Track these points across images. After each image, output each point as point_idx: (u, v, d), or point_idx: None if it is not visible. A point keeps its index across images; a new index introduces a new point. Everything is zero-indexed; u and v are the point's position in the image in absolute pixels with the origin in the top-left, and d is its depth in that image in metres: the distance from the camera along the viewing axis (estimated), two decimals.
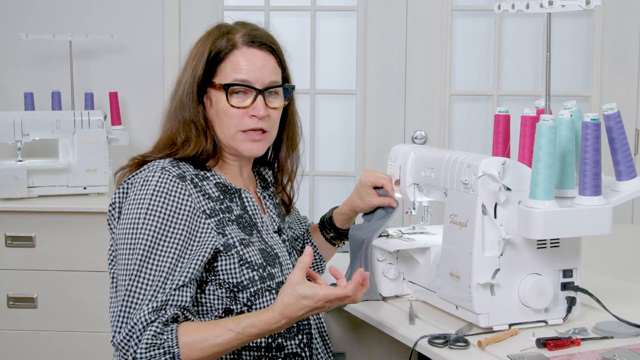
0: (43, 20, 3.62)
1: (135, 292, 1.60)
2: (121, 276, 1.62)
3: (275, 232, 1.84)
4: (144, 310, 1.58)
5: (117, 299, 1.61)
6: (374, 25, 3.62)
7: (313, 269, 2.08)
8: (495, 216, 1.68)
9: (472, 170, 1.69)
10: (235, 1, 3.70)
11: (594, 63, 3.58)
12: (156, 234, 1.62)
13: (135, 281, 1.60)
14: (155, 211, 1.64)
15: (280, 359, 1.72)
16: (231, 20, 1.84)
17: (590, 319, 1.75)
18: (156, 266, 1.61)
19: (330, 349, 1.87)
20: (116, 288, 1.64)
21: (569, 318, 1.75)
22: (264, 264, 1.73)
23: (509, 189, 1.68)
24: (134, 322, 1.57)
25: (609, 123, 1.74)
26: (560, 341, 1.61)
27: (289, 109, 1.87)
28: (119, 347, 1.58)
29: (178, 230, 1.64)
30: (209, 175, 1.77)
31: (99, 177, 3.24)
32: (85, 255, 3.08)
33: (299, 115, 1.91)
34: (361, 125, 3.65)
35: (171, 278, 1.61)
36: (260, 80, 1.75)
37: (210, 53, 1.76)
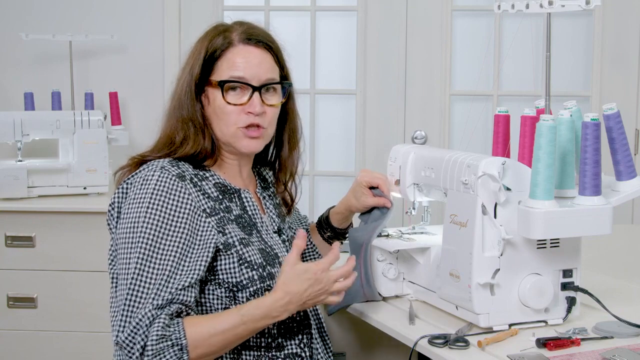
0: (43, 20, 3.62)
1: (138, 291, 1.60)
2: (122, 275, 1.62)
3: (275, 233, 1.84)
4: (148, 307, 1.58)
5: (119, 298, 1.61)
6: (374, 25, 3.62)
7: None
8: (495, 216, 1.68)
9: (472, 170, 1.69)
10: (235, 1, 3.70)
11: (594, 63, 3.58)
12: (157, 233, 1.62)
13: (138, 280, 1.60)
14: (155, 210, 1.64)
15: (280, 359, 1.72)
16: (230, 20, 1.84)
17: (590, 319, 1.75)
18: (158, 264, 1.61)
19: (330, 349, 1.87)
20: (117, 288, 1.64)
21: (569, 318, 1.75)
22: (264, 263, 1.73)
23: (508, 189, 1.68)
24: (139, 318, 1.57)
25: (609, 123, 1.74)
26: (560, 341, 1.61)
27: (289, 108, 1.87)
28: (123, 345, 1.57)
29: (179, 228, 1.64)
30: (208, 176, 1.77)
31: (99, 177, 3.24)
32: (85, 255, 3.08)
33: (299, 114, 1.91)
34: (361, 125, 3.65)
35: (174, 277, 1.61)
36: (256, 77, 1.76)
37: (207, 51, 1.76)
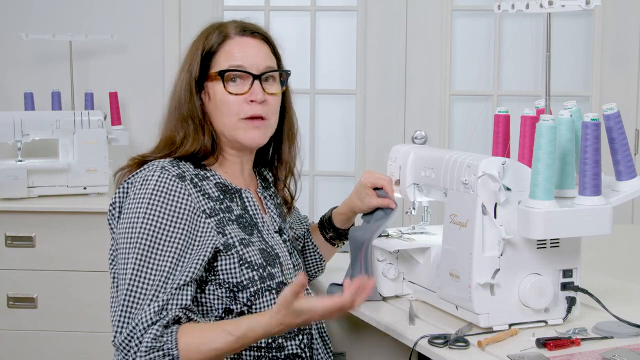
0: (43, 20, 3.62)
1: (136, 292, 1.60)
2: (121, 276, 1.62)
3: (276, 232, 1.84)
4: (146, 310, 1.58)
5: (118, 299, 1.61)
6: (374, 25, 3.62)
7: (313, 269, 2.08)
8: (495, 216, 1.68)
9: (472, 170, 1.69)
10: (235, 1, 3.70)
11: (594, 63, 3.58)
12: (156, 234, 1.62)
13: (136, 281, 1.60)
14: (154, 210, 1.64)
15: (281, 359, 1.72)
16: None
17: (590, 319, 1.75)
18: (157, 265, 1.61)
19: (330, 349, 1.87)
20: (117, 288, 1.64)
21: (569, 318, 1.75)
22: (264, 264, 1.73)
23: (508, 189, 1.68)
24: (135, 323, 1.57)
25: (608, 123, 1.74)
26: (560, 341, 1.61)
27: (286, 101, 1.87)
28: (119, 348, 1.58)
29: (178, 229, 1.64)
30: (209, 175, 1.77)
31: (99, 177, 3.24)
32: (85, 255, 3.08)
33: (295, 112, 1.91)
34: (361, 125, 3.65)
35: (172, 277, 1.61)
36: (255, 65, 1.76)
37: (204, 48, 1.77)
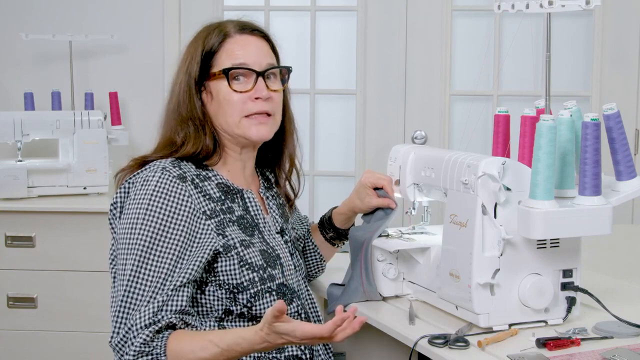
0: (43, 20, 3.62)
1: (134, 293, 1.60)
2: (120, 276, 1.62)
3: (277, 233, 1.84)
4: (142, 312, 1.57)
5: (116, 299, 1.61)
6: (374, 25, 3.62)
7: (313, 269, 2.08)
8: (495, 216, 1.68)
9: (472, 170, 1.69)
10: (235, 1, 3.69)
11: (594, 63, 3.58)
12: (155, 234, 1.62)
13: (134, 282, 1.60)
14: (154, 211, 1.63)
15: None
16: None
17: (590, 319, 1.75)
18: (155, 267, 1.61)
19: (330, 349, 1.87)
20: (116, 288, 1.64)
21: (569, 318, 1.75)
22: (265, 265, 1.73)
23: (508, 189, 1.68)
24: (130, 325, 1.57)
25: (608, 123, 1.74)
26: (560, 341, 1.61)
27: (285, 98, 1.88)
28: (115, 349, 1.58)
29: (177, 231, 1.64)
30: (210, 176, 1.77)
31: (99, 177, 3.24)
32: (85, 255, 3.08)
33: (291, 108, 1.92)
34: (361, 125, 3.65)
35: (170, 279, 1.61)
36: (257, 63, 1.77)
37: (204, 48, 1.77)
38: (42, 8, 3.63)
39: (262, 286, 1.70)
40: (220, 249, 1.68)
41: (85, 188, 3.24)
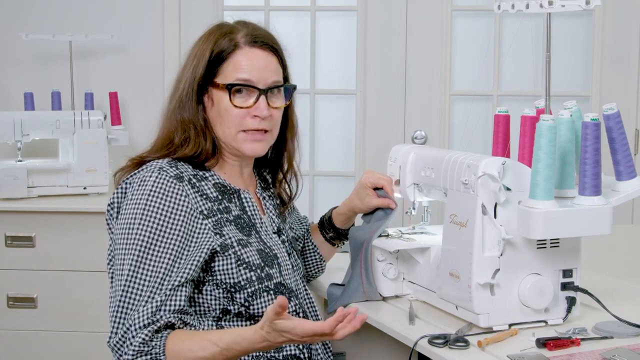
0: (43, 20, 3.62)
1: (132, 293, 1.60)
2: (118, 277, 1.62)
3: (274, 233, 1.84)
4: (140, 312, 1.57)
5: (114, 299, 1.61)
6: (374, 25, 3.62)
7: (313, 269, 2.08)
8: (495, 216, 1.68)
9: (472, 170, 1.69)
10: (235, 1, 3.69)
11: (594, 63, 3.58)
12: (152, 235, 1.62)
13: (132, 282, 1.60)
14: (151, 212, 1.63)
15: None
16: (231, 20, 1.84)
17: (590, 319, 1.75)
18: (152, 267, 1.61)
19: (330, 349, 1.87)
20: (114, 288, 1.64)
21: (569, 318, 1.75)
22: (262, 264, 1.72)
23: (508, 189, 1.68)
24: (128, 325, 1.57)
25: (608, 123, 1.74)
26: (560, 341, 1.61)
27: (289, 107, 1.87)
28: (114, 349, 1.58)
29: (174, 230, 1.64)
30: (207, 176, 1.77)
31: (99, 177, 3.24)
32: (85, 255, 3.08)
33: (296, 113, 1.91)
34: (361, 125, 3.65)
35: (168, 279, 1.61)
36: (262, 80, 1.75)
37: (212, 53, 1.76)
38: (42, 8, 3.63)
39: (260, 285, 1.70)
40: (218, 248, 1.68)
41: (85, 188, 3.24)
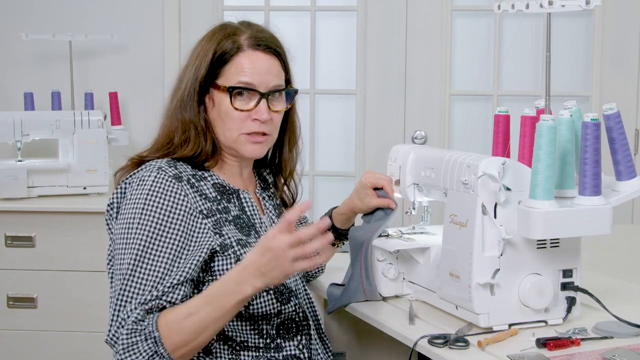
0: (43, 20, 3.62)
1: (129, 291, 1.59)
2: (117, 276, 1.62)
3: None
4: (133, 304, 1.58)
5: (114, 298, 1.61)
6: (374, 25, 3.62)
7: (313, 270, 2.08)
8: (495, 216, 1.68)
9: (472, 170, 1.69)
10: (235, 1, 3.69)
11: (594, 63, 3.58)
12: (151, 234, 1.62)
13: (130, 281, 1.60)
14: (150, 211, 1.63)
15: None
16: (234, 19, 1.83)
17: (590, 319, 1.75)
18: (151, 266, 1.61)
19: (330, 349, 1.87)
20: (113, 288, 1.64)
21: (569, 318, 1.75)
22: None
23: (508, 189, 1.68)
24: (122, 317, 1.57)
25: (608, 123, 1.74)
26: (560, 341, 1.61)
27: (290, 110, 1.87)
28: (110, 342, 1.58)
29: (174, 230, 1.64)
30: (206, 176, 1.77)
31: (99, 177, 3.24)
32: (85, 255, 3.08)
33: (298, 115, 1.91)
34: (361, 125, 3.65)
35: (167, 278, 1.61)
36: (264, 83, 1.75)
37: (215, 54, 1.75)
38: (42, 8, 3.63)
39: None
40: (217, 248, 1.67)
41: (85, 188, 3.24)
